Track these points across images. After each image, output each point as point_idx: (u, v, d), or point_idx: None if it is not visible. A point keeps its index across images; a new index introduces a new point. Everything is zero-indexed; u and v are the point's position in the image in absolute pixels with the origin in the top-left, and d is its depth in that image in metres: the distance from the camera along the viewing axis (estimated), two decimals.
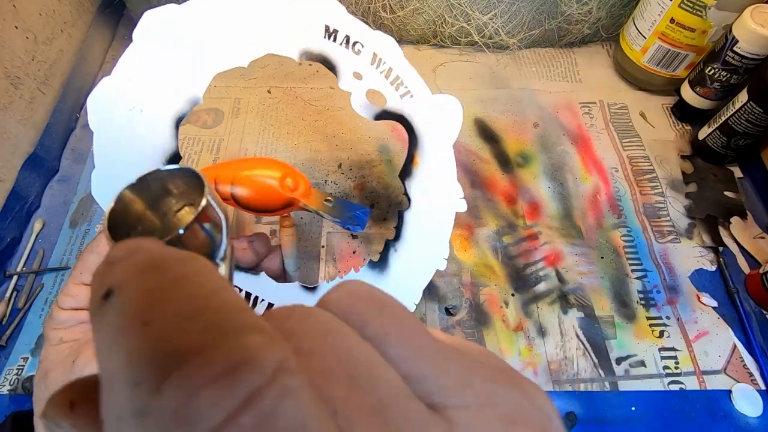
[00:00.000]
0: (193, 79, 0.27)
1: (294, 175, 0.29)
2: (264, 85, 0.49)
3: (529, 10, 0.48)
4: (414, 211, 0.31)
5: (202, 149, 0.44)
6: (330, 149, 0.45)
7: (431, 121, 0.31)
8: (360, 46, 0.30)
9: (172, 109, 0.26)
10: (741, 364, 0.35)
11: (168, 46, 0.26)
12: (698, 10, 0.41)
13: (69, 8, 0.47)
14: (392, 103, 0.31)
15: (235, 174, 0.28)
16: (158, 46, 0.25)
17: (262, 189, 0.28)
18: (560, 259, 0.39)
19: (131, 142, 0.25)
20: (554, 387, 0.34)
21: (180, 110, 0.26)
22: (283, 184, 0.28)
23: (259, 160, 0.30)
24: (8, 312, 0.35)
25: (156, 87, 0.26)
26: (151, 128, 0.26)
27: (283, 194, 0.28)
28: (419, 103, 0.31)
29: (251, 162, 0.31)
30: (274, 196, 0.28)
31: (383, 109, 0.31)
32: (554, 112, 0.48)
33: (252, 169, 0.29)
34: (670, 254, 0.40)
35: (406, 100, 0.31)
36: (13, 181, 0.39)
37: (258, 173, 0.28)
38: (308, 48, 0.29)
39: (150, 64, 0.25)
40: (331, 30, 0.29)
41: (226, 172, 0.28)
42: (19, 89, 0.40)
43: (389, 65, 0.30)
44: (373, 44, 0.30)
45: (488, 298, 0.37)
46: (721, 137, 0.42)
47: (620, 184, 0.43)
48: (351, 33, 0.29)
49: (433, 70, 0.51)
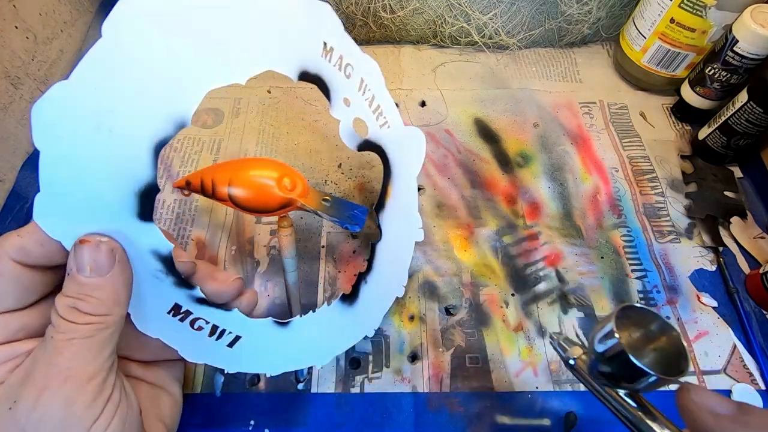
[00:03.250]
0: (181, 96, 0.21)
1: (291, 175, 0.29)
2: (264, 85, 0.49)
3: (529, 10, 0.48)
4: (384, 244, 0.32)
5: (202, 149, 0.44)
6: (330, 149, 0.45)
7: (402, 153, 0.32)
8: (350, 69, 0.29)
9: (151, 131, 0.20)
10: (741, 364, 0.35)
11: (151, 48, 0.19)
12: (698, 10, 0.41)
13: (69, 8, 0.47)
14: (373, 134, 0.30)
15: (232, 174, 0.28)
16: (137, 47, 0.19)
17: (260, 189, 0.28)
18: (560, 259, 0.39)
19: (94, 167, 0.19)
20: (554, 387, 0.34)
21: (162, 133, 0.20)
22: (280, 184, 0.28)
23: (257, 161, 0.31)
24: None
25: (131, 101, 0.19)
26: (122, 152, 0.20)
27: (280, 194, 0.28)
28: (394, 134, 0.31)
29: (249, 162, 0.31)
30: (272, 197, 0.28)
31: (365, 139, 0.31)
32: (554, 112, 0.48)
33: (249, 170, 0.28)
34: (670, 254, 0.40)
35: (384, 130, 0.31)
36: (13, 181, 0.39)
37: (255, 173, 0.28)
38: (306, 67, 0.26)
39: (125, 70, 0.19)
40: (328, 47, 0.27)
41: (223, 172, 0.28)
42: (19, 89, 0.40)
43: (373, 92, 0.30)
44: (361, 68, 0.29)
45: (488, 298, 0.37)
46: (721, 137, 0.42)
47: (620, 184, 0.43)
48: (344, 53, 0.28)
49: (433, 70, 0.51)
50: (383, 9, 0.48)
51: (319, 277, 0.38)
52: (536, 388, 0.33)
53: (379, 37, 0.52)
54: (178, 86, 0.21)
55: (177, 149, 0.44)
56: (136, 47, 0.19)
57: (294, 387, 0.33)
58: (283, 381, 0.33)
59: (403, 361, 0.34)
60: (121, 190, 0.20)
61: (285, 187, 0.28)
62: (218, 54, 0.22)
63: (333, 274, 0.38)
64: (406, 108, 0.48)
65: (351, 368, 0.34)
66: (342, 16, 0.49)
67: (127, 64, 0.19)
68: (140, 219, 0.21)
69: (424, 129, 0.46)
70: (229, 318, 0.26)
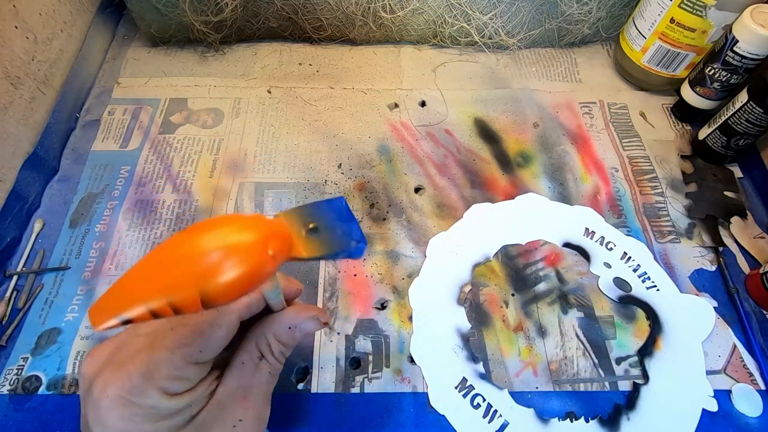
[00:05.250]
0: (488, 244, 0.39)
1: (273, 236, 0.18)
2: (264, 85, 0.49)
3: (529, 10, 0.48)
4: (652, 390, 0.33)
5: (202, 149, 0.44)
6: (330, 149, 0.45)
7: (679, 316, 0.36)
8: (612, 245, 0.39)
9: (472, 257, 0.39)
10: (741, 364, 0.35)
11: (479, 225, 0.40)
12: (698, 10, 0.41)
13: (69, 8, 0.47)
14: (637, 292, 0.37)
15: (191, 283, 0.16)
16: (474, 224, 0.40)
17: (244, 279, 0.17)
18: (560, 259, 0.39)
19: (445, 271, 0.38)
20: (554, 387, 0.34)
21: (478, 259, 0.39)
22: (264, 255, 0.17)
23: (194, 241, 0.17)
24: (8, 312, 0.35)
25: (467, 242, 0.39)
26: (458, 267, 0.38)
27: (271, 268, 0.18)
28: (665, 297, 0.37)
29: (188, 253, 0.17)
30: (261, 275, 0.17)
31: (628, 294, 0.37)
32: (554, 112, 0.48)
33: (213, 276, 0.16)
34: (670, 254, 0.40)
35: (653, 292, 0.37)
36: (13, 181, 0.39)
37: (226, 274, 0.16)
38: (570, 239, 0.40)
39: (468, 230, 0.40)
40: (589, 231, 0.40)
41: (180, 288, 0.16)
42: (19, 89, 0.40)
43: (638, 262, 0.39)
44: (624, 245, 0.39)
45: (488, 298, 0.37)
46: (721, 137, 0.42)
47: (620, 184, 0.43)
48: (606, 235, 0.40)
49: (433, 70, 0.51)
50: (383, 9, 0.48)
51: (320, 277, 0.38)
52: (536, 388, 0.33)
53: (379, 37, 0.52)
54: (488, 241, 0.39)
55: (177, 149, 0.44)
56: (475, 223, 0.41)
57: (294, 387, 0.33)
58: (284, 381, 0.33)
59: (403, 361, 0.34)
60: (450, 285, 0.37)
61: (271, 257, 0.18)
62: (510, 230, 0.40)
63: (333, 275, 0.38)
64: (406, 108, 0.48)
65: (351, 368, 0.34)
66: (342, 15, 0.49)
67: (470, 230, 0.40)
68: (457, 303, 0.36)
69: (424, 129, 0.47)
70: (502, 399, 0.33)
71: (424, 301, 0.36)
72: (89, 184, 0.42)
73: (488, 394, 0.33)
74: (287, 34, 0.52)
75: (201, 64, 0.51)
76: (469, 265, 0.38)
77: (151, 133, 0.45)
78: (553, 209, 0.41)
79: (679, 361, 0.34)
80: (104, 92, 0.48)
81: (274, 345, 0.23)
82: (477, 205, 0.41)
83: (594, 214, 0.41)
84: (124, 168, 0.43)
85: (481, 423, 0.32)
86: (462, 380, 0.33)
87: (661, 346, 0.35)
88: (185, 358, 0.20)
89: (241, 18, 0.49)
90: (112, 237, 0.39)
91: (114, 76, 0.50)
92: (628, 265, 0.38)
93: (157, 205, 0.41)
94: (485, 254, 0.39)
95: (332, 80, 0.50)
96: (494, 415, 0.32)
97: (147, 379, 0.19)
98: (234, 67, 0.51)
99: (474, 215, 0.41)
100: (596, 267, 0.38)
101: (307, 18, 0.49)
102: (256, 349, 0.23)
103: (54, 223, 0.40)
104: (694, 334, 0.35)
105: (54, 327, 0.35)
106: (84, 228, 0.40)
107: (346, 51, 0.52)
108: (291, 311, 0.24)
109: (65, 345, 0.34)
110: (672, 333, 0.36)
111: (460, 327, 0.35)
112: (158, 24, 0.49)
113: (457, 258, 0.39)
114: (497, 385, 0.33)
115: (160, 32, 0.50)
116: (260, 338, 0.23)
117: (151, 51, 0.52)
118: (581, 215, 0.41)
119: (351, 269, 0.38)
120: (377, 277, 0.38)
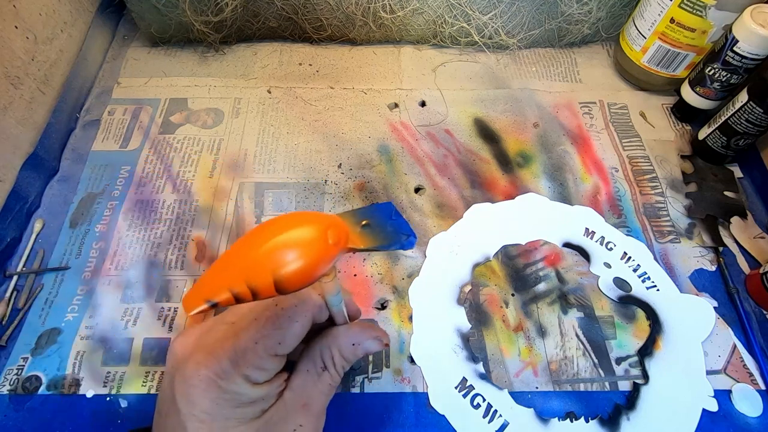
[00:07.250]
0: (488, 244, 0.39)
1: (333, 227, 0.20)
2: (264, 85, 0.49)
3: (529, 10, 0.48)
4: (652, 390, 0.33)
5: (202, 149, 0.44)
6: (330, 149, 0.45)
7: (679, 316, 0.36)
8: (612, 245, 0.39)
9: (472, 257, 0.39)
10: (741, 364, 0.35)
11: (478, 225, 0.40)
12: (698, 10, 0.41)
13: (69, 8, 0.47)
14: (637, 292, 0.37)
15: (263, 265, 0.18)
16: (474, 224, 0.40)
17: (310, 264, 0.19)
18: (560, 259, 0.39)
19: (445, 271, 0.38)
20: (554, 387, 0.34)
21: (477, 259, 0.39)
22: (325, 242, 0.19)
23: (274, 228, 0.19)
24: (8, 312, 0.35)
25: (467, 242, 0.39)
26: (458, 267, 0.38)
27: (333, 254, 0.20)
28: (665, 297, 0.37)
29: (269, 236, 0.19)
30: (323, 262, 0.19)
31: (628, 294, 0.37)
32: (554, 112, 0.48)
33: (280, 250, 0.19)
34: (670, 254, 0.40)
35: (653, 292, 0.37)
36: (13, 181, 0.39)
37: (292, 251, 0.19)
38: (570, 239, 0.40)
39: (468, 230, 0.40)
40: (589, 231, 0.40)
41: (255, 269, 0.18)
42: (19, 89, 0.40)
43: (638, 262, 0.39)
44: (624, 245, 0.39)
45: (488, 298, 0.37)
46: (721, 137, 0.42)
47: (620, 184, 0.43)
48: (606, 235, 0.40)
49: (433, 70, 0.51)
50: (383, 9, 0.48)
51: None
52: (536, 388, 0.33)
53: (379, 37, 0.52)
54: (487, 241, 0.40)
55: (177, 149, 0.44)
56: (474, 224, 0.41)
57: None
58: None
59: (403, 361, 0.34)
60: (450, 285, 0.37)
61: (332, 245, 0.19)
62: (510, 230, 0.40)
63: None
64: (406, 108, 0.48)
65: (351, 368, 0.34)
66: (342, 15, 0.49)
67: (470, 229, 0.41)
68: (457, 303, 0.36)
69: (424, 129, 0.47)
70: (502, 399, 0.33)
71: (424, 301, 0.36)
72: (89, 184, 0.42)
73: (488, 394, 0.33)
74: (287, 34, 0.52)
75: (201, 64, 0.51)
76: (469, 265, 0.38)
77: (151, 133, 0.45)
78: (553, 209, 0.41)
79: (679, 361, 0.34)
80: (104, 92, 0.48)
81: (337, 358, 0.24)
82: (477, 205, 0.41)
83: (594, 214, 0.41)
84: (124, 168, 0.43)
85: (481, 423, 0.32)
86: (462, 380, 0.33)
87: (661, 346, 0.35)
88: (267, 349, 0.21)
89: (241, 18, 0.49)
90: (112, 237, 0.39)
91: (114, 76, 0.50)
92: (628, 265, 0.38)
93: (157, 205, 0.41)
94: (485, 254, 0.39)
95: (332, 80, 0.50)
96: (494, 415, 0.32)
97: (234, 366, 0.21)
98: (234, 67, 0.51)
99: (474, 215, 0.41)
100: (596, 267, 0.38)
101: (307, 18, 0.49)
102: (320, 360, 0.24)
103: (54, 223, 0.40)
104: (694, 334, 0.35)
105: (54, 327, 0.35)
106: (84, 228, 0.40)
107: (346, 51, 0.52)
108: (357, 328, 0.25)
109: (65, 345, 0.34)
110: (672, 333, 0.36)
111: (460, 327, 0.35)
112: (158, 24, 0.49)
113: (457, 258, 0.38)
114: (497, 385, 0.33)
115: (160, 32, 0.50)
116: (324, 349, 0.24)
117: (151, 51, 0.52)
118: (581, 215, 0.41)
119: (351, 269, 0.38)
120: (377, 277, 0.38)
